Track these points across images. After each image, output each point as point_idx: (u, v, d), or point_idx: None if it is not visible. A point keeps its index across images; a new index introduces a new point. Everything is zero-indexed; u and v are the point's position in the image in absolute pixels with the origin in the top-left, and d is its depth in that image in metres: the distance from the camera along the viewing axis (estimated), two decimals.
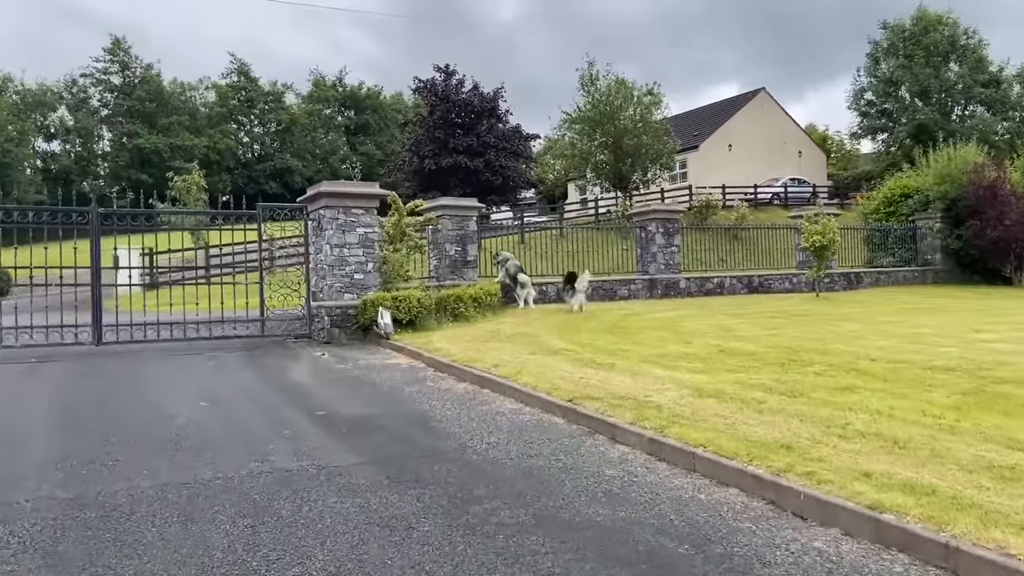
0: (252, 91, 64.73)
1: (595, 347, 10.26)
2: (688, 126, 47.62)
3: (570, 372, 8.33)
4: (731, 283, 21.25)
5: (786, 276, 22.44)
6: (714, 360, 9.08)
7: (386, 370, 9.70)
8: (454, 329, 12.32)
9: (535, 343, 10.58)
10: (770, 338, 11.02)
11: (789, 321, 13.70)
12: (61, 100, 58.60)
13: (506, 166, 40.89)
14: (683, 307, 16.78)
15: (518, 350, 9.95)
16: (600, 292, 18.96)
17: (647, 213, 20.32)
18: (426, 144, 40.35)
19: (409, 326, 12.07)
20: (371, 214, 12.60)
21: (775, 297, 20.02)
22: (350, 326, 12.18)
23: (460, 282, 16.48)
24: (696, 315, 14.68)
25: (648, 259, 20.15)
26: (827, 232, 19.24)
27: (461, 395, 8.14)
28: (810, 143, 51.74)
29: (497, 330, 12.09)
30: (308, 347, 11.80)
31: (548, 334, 11.61)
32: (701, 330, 12.08)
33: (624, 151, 36.66)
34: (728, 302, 18.30)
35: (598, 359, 9.15)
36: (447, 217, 16.66)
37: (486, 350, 9.96)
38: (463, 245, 16.82)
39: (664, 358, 9.25)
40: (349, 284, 12.33)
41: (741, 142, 45.99)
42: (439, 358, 9.66)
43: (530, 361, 9.07)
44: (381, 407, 7.62)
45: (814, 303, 18.01)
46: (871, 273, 24.59)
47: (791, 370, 8.42)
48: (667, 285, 19.81)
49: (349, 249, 12.32)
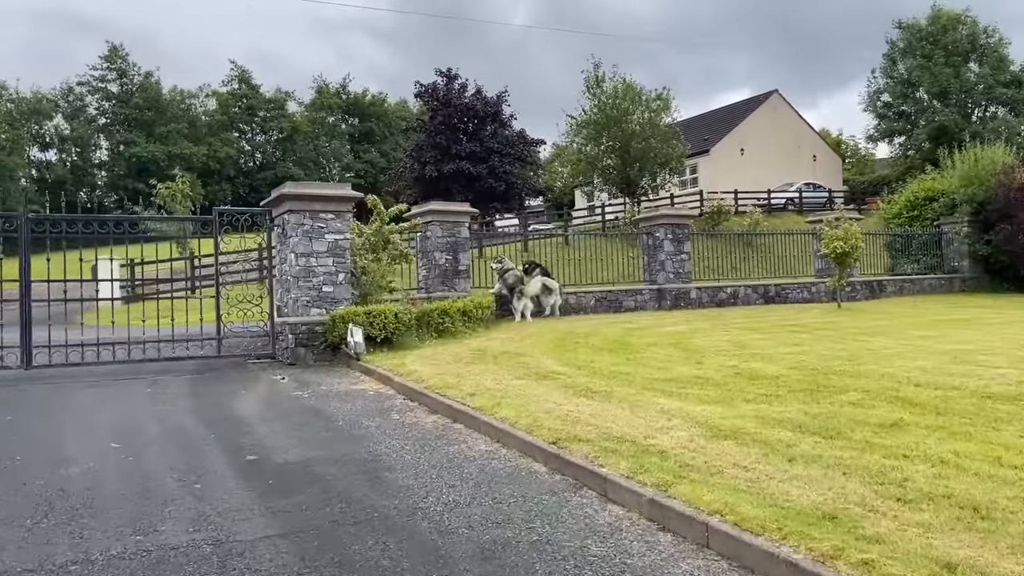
0: (253, 99, 63.75)
1: (592, 369, 8.94)
2: (699, 130, 46.25)
3: (559, 403, 7.01)
4: (746, 293, 19.87)
5: (804, 285, 21.03)
6: (730, 386, 7.75)
7: (349, 398, 8.39)
8: (436, 347, 11.02)
9: (524, 365, 9.27)
10: (793, 357, 9.68)
11: (812, 336, 12.34)
12: (57, 109, 57.82)
13: (510, 172, 39.66)
14: (694, 320, 15.43)
15: (503, 374, 8.64)
16: (604, 303, 17.64)
17: (654, 218, 18.98)
18: (427, 150, 39.18)
19: (385, 345, 10.77)
20: (343, 219, 11.33)
21: (793, 308, 18.63)
22: (318, 345, 10.88)
23: (451, 294, 15.21)
24: (708, 329, 13.34)
25: (656, 267, 18.81)
26: (849, 237, 17.85)
27: (427, 432, 6.83)
28: (825, 147, 50.21)
29: (485, 348, 10.79)
30: (268, 369, 10.50)
31: (541, 353, 10.30)
32: (714, 347, 10.74)
33: (632, 155, 35.31)
34: (743, 314, 16.93)
35: (594, 385, 7.83)
36: (436, 223, 15.40)
37: (467, 374, 8.65)
38: (454, 253, 15.54)
39: (671, 383, 7.93)
40: (317, 298, 11.05)
41: (754, 146, 44.56)
42: (411, 384, 8.36)
43: (514, 388, 7.75)
44: (328, 449, 6.32)
45: (836, 314, 16.62)
46: (895, 281, 23.13)
47: (822, 399, 7.08)
48: (676, 295, 18.46)
49: (317, 258, 11.05)
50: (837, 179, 48.29)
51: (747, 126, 45.32)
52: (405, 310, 11.09)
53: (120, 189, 53.55)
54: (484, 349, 10.71)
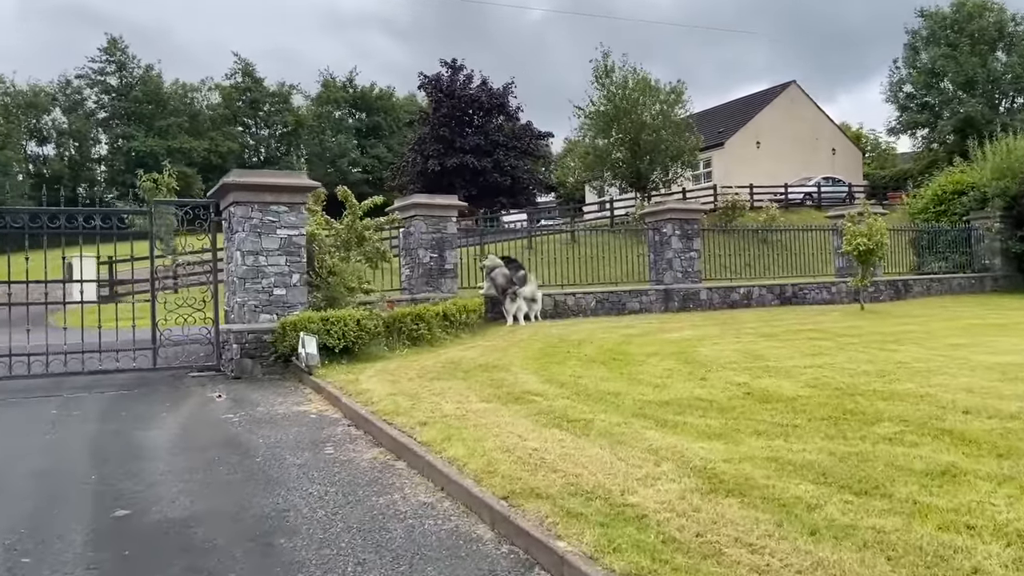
0: (257, 92, 62.68)
1: (577, 388, 7.62)
2: (713, 122, 44.63)
3: (524, 437, 5.70)
4: (760, 294, 18.44)
5: (823, 285, 19.57)
6: (737, 411, 6.42)
7: (284, 424, 7.11)
8: (405, 359, 9.73)
9: (498, 382, 7.97)
10: (813, 372, 8.32)
11: (834, 344, 10.95)
12: (55, 102, 56.97)
13: (516, 166, 38.31)
14: (702, 324, 14.06)
15: (470, 394, 7.34)
16: (606, 305, 16.29)
17: (661, 212, 17.59)
18: (430, 143, 37.89)
19: (345, 356, 9.48)
20: (297, 212, 10.05)
21: (812, 310, 17.19)
22: (267, 356, 9.60)
23: (436, 295, 13.94)
24: (717, 336, 11.97)
25: (663, 266, 17.42)
26: (873, 234, 16.38)
27: (359, 474, 5.53)
28: (844, 140, 48.40)
29: (459, 360, 9.49)
30: (208, 385, 9.19)
31: (522, 366, 8.99)
32: (722, 358, 9.39)
33: (642, 148, 33.82)
34: (757, 317, 15.53)
35: (573, 410, 6.51)
36: (420, 218, 14.12)
37: (426, 394, 7.36)
38: (440, 251, 14.26)
39: (667, 408, 6.60)
40: (267, 302, 9.78)
41: (770, 139, 42.89)
42: (358, 407, 7.08)
43: (476, 415, 6.45)
44: (228, 498, 5.05)
45: (860, 318, 15.19)
46: (921, 280, 21.59)
47: (850, 431, 5.75)
48: (685, 296, 17.07)
49: (267, 257, 9.78)
50: (857, 174, 46.51)
51: (763, 118, 43.66)
52: (370, 316, 9.80)
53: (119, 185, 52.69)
54: (458, 361, 9.42)
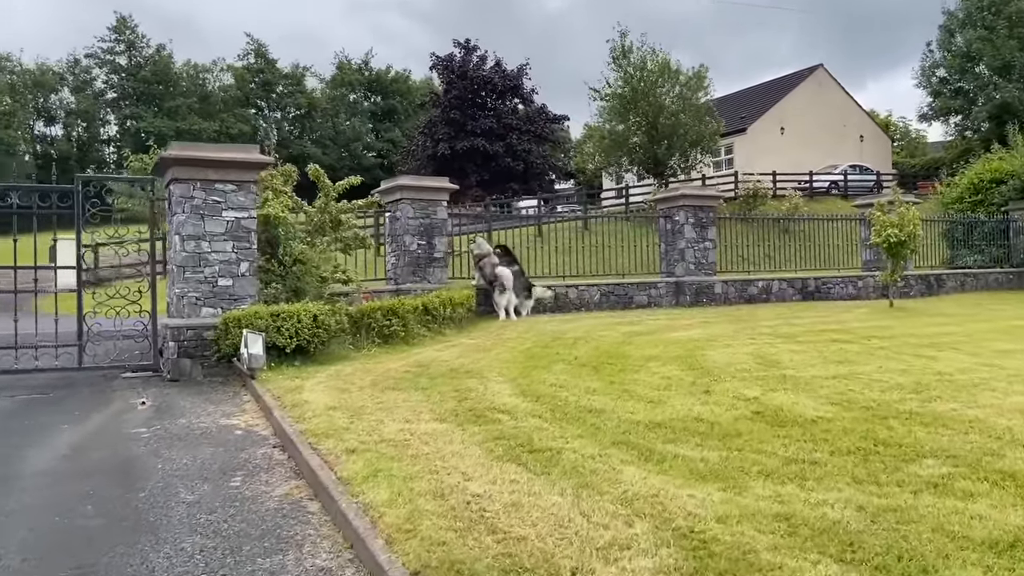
0: (269, 74, 61.56)
1: (555, 402, 6.44)
2: (735, 107, 42.96)
3: (469, 475, 4.53)
4: (780, 288, 17.11)
5: (849, 279, 18.18)
6: (743, 439, 5.22)
7: (200, 443, 5.98)
8: (368, 361, 8.59)
9: (465, 393, 6.80)
10: (837, 384, 7.09)
11: (862, 348, 9.68)
12: (62, 81, 56.27)
13: (530, 150, 36.98)
14: (714, 321, 12.80)
15: (423, 409, 6.18)
16: (611, 299, 15.07)
17: (673, 199, 16.27)
18: (440, 126, 36.65)
19: (298, 356, 8.36)
20: (247, 191, 8.91)
21: (836, 306, 15.84)
22: (209, 356, 8.49)
23: (424, 286, 12.81)
24: (729, 336, 10.72)
25: (674, 256, 16.14)
26: (906, 224, 14.98)
27: (257, 521, 4.38)
28: (873, 127, 46.49)
29: (430, 363, 8.34)
30: (139, 388, 8.03)
31: (500, 372, 7.83)
32: (732, 365, 8.17)
33: (660, 132, 32.38)
34: (776, 314, 14.23)
35: (541, 436, 5.33)
36: (407, 201, 12.96)
37: (372, 409, 6.21)
38: (429, 238, 13.10)
39: (657, 433, 5.42)
40: (210, 294, 8.67)
41: (795, 125, 41.17)
42: (288, 423, 5.94)
43: (421, 439, 5.29)
44: (68, 557, 3.93)
45: (888, 316, 13.84)
46: (954, 275, 20.11)
47: (884, 472, 4.54)
48: (698, 290, 15.78)
49: (211, 242, 8.66)
50: (886, 162, 44.67)
51: (788, 103, 41.92)
52: (332, 311, 8.66)
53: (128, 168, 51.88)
54: (429, 364, 8.26)
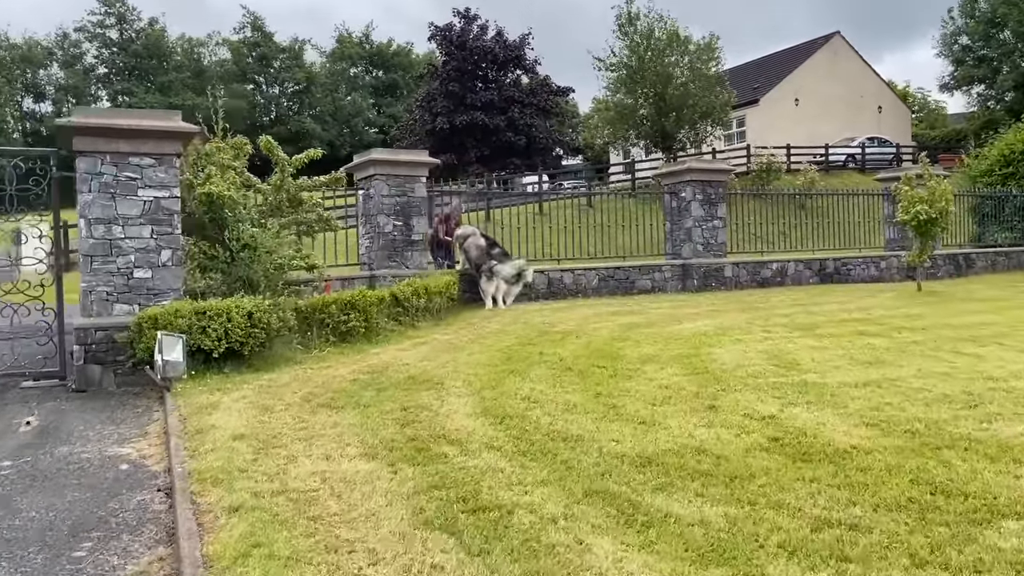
0: (266, 47, 59.91)
1: (523, 425, 5.18)
2: (748, 78, 41.17)
3: (376, 557, 3.27)
4: (796, 270, 15.73)
5: (871, 260, 16.77)
6: (757, 484, 3.95)
7: (69, 483, 4.71)
8: (314, 365, 7.33)
9: (413, 412, 5.54)
10: (870, 395, 5.80)
11: (893, 343, 8.36)
12: (51, 57, 54.85)
13: (532, 124, 35.46)
14: (724, 309, 11.48)
15: (353, 439, 4.92)
16: (611, 283, 13.76)
17: (679, 173, 14.88)
18: (440, 99, 35.14)
19: (230, 361, 7.10)
20: (169, 166, 7.60)
21: (858, 291, 14.47)
22: (123, 362, 7.23)
23: (400, 272, 11.56)
24: (740, 328, 9.41)
25: (680, 236, 14.79)
26: (936, 199, 13.57)
27: None
28: (892, 97, 44.55)
29: (386, 367, 7.08)
30: (34, 401, 6.70)
31: (467, 379, 6.56)
32: (743, 367, 6.88)
33: (668, 104, 30.84)
34: (792, 299, 12.89)
35: (491, 482, 4.07)
36: (381, 178, 11.65)
37: (290, 438, 4.97)
38: (406, 218, 11.81)
39: (647, 473, 4.16)
40: (124, 288, 7.41)
41: (810, 95, 39.38)
42: (182, 456, 4.68)
43: (333, 489, 4.04)
44: None
45: (918, 302, 12.48)
46: (985, 254, 18.66)
47: (951, 542, 3.27)
48: (706, 273, 14.44)
49: (125, 227, 7.38)
50: (905, 134, 42.84)
51: (803, 73, 40.09)
52: (273, 306, 7.40)
53: None
54: (384, 369, 7.01)
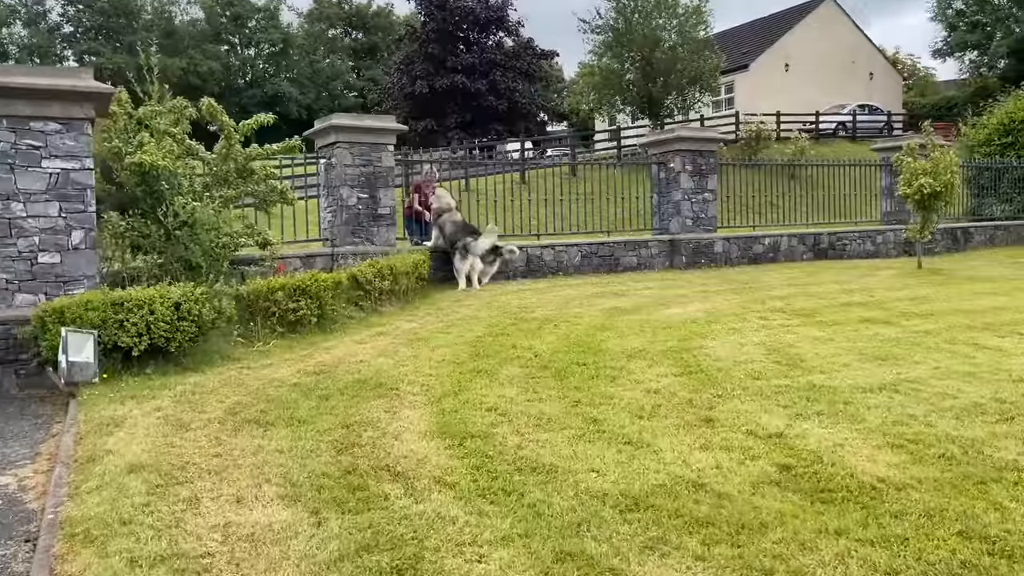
0: (240, 6, 57.70)
1: (487, 448, 4.32)
2: (736, 42, 40.01)
3: None
4: (790, 245, 14.92)
5: (867, 234, 15.98)
6: (769, 538, 3.11)
7: None
8: (256, 362, 6.41)
9: (358, 427, 4.67)
10: (888, 403, 4.99)
11: (901, 332, 7.57)
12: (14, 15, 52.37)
13: (515, 88, 34.21)
14: (715, 290, 10.65)
15: (275, 469, 4.04)
16: (594, 260, 12.89)
17: (668, 142, 13.93)
18: (419, 62, 33.78)
19: (154, 359, 6.16)
20: (79, 134, 6.58)
21: (856, 267, 13.68)
22: (27, 361, 6.27)
23: (366, 248, 10.62)
24: (735, 313, 8.59)
25: (669, 210, 13.90)
26: (941, 172, 12.76)
27: None
28: (884, 63, 43.55)
29: (335, 365, 6.19)
30: None
31: (424, 384, 5.69)
32: (741, 364, 6.06)
33: (655, 68, 29.74)
34: (787, 278, 12.08)
35: (435, 542, 3.21)
36: (344, 145, 10.64)
37: (201, 466, 4.09)
38: (371, 190, 10.83)
39: (632, 521, 3.31)
40: (27, 275, 6.41)
41: (800, 61, 38.34)
42: (62, 495, 3.81)
43: (230, 555, 3.16)
44: None
45: (921, 281, 11.71)
46: (983, 228, 17.94)
47: None
48: (695, 250, 13.58)
49: (27, 204, 6.35)
50: (896, 101, 41.95)
51: (794, 38, 38.98)
52: (207, 295, 6.46)
53: None
54: (333, 368, 6.12)
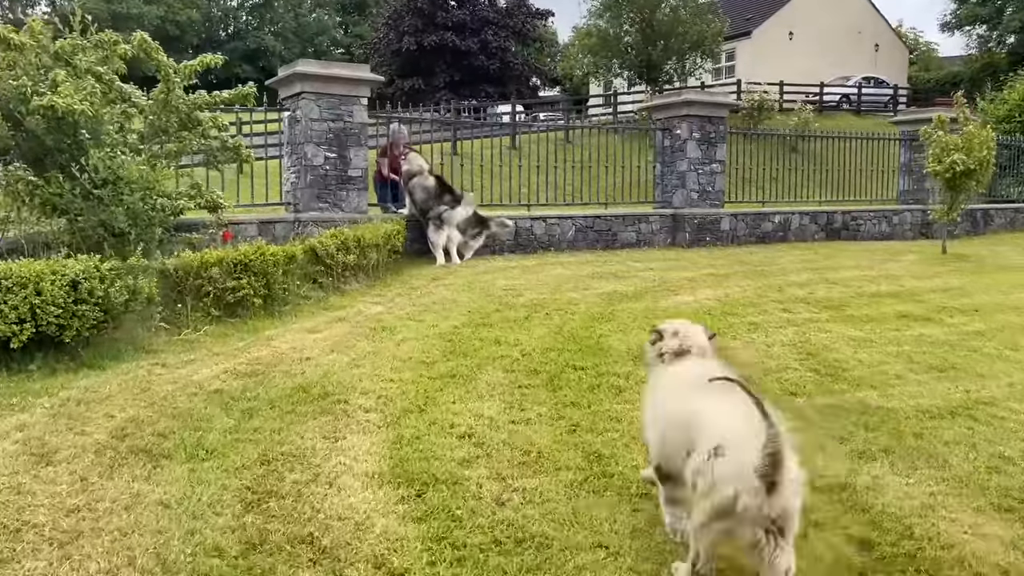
0: None
1: (454, 503, 3.12)
2: (740, 8, 38.35)
3: None
4: (800, 223, 13.71)
5: (882, 214, 14.80)
6: None
7: None
8: (177, 357, 5.16)
9: (280, 464, 3.47)
10: (971, 439, 3.84)
11: (949, 332, 6.47)
12: None
13: (507, 48, 32.60)
14: (726, 273, 9.45)
15: (145, 546, 2.85)
16: (590, 236, 11.65)
17: (674, 106, 12.58)
18: (407, 17, 32.03)
19: (44, 352, 4.79)
20: None
21: (873, 250, 12.50)
22: None
23: (333, 215, 9.33)
24: (751, 302, 7.42)
25: (672, 182, 12.63)
26: (974, 148, 11.58)
27: None
28: (891, 35, 42.06)
29: (273, 365, 4.96)
30: None
31: (381, 395, 4.48)
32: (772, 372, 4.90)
33: (655, 31, 28.24)
34: (802, 260, 10.90)
35: None
36: (310, 97, 9.27)
37: (44, 530, 2.89)
38: (341, 149, 9.50)
39: None
40: None
41: (805, 29, 36.83)
42: None
43: None
44: None
45: (949, 268, 10.57)
46: (1003, 211, 16.81)
47: None
48: (700, 226, 12.35)
49: None
50: (901, 75, 40.61)
51: (798, 4, 37.41)
52: (117, 271, 5.18)
53: None
54: (269, 368, 4.89)
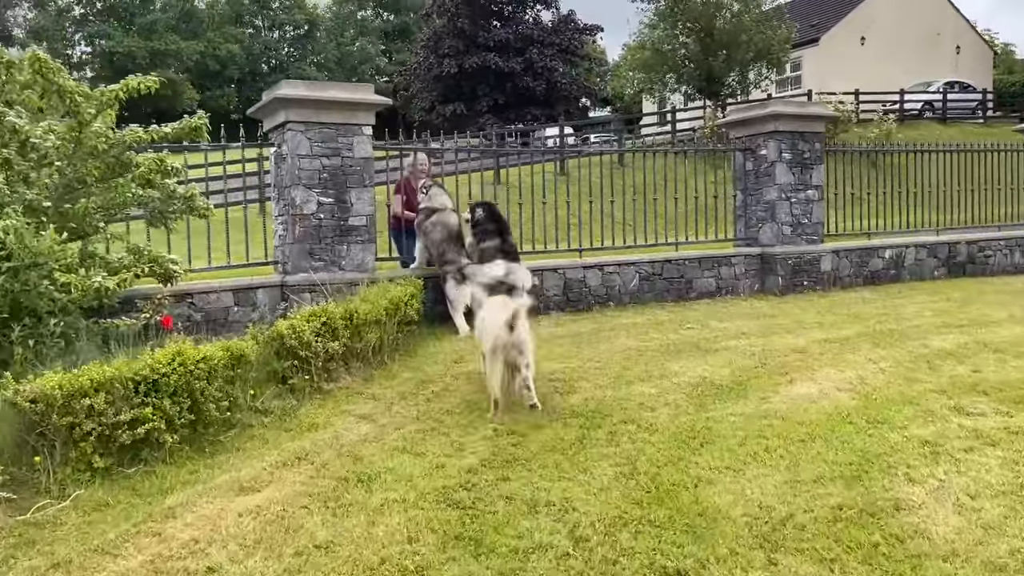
0: None
1: None
2: (805, 13, 35.69)
3: None
4: (916, 257, 11.17)
5: (1015, 242, 12.16)
6: None
7: None
8: None
9: None
10: None
11: None
12: None
13: (554, 68, 30.57)
14: (843, 338, 7.03)
15: None
16: (658, 285, 9.37)
17: (759, 121, 10.21)
18: (447, 39, 30.33)
19: None
20: None
21: (1017, 290, 9.89)
22: None
23: (332, 275, 7.31)
24: (906, 399, 5.01)
25: (759, 213, 10.27)
26: None
27: None
28: (973, 36, 38.65)
29: None
30: None
31: None
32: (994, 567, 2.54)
33: (716, 40, 25.89)
34: (934, 312, 8.37)
35: None
36: (297, 127, 7.29)
37: None
38: (339, 191, 7.49)
39: None
40: None
41: (878, 33, 33.94)
42: None
43: None
44: None
45: None
46: None
47: None
48: (795, 267, 9.95)
49: None
50: (986, 78, 37.20)
51: (870, 7, 34.53)
52: None
53: None
54: None
